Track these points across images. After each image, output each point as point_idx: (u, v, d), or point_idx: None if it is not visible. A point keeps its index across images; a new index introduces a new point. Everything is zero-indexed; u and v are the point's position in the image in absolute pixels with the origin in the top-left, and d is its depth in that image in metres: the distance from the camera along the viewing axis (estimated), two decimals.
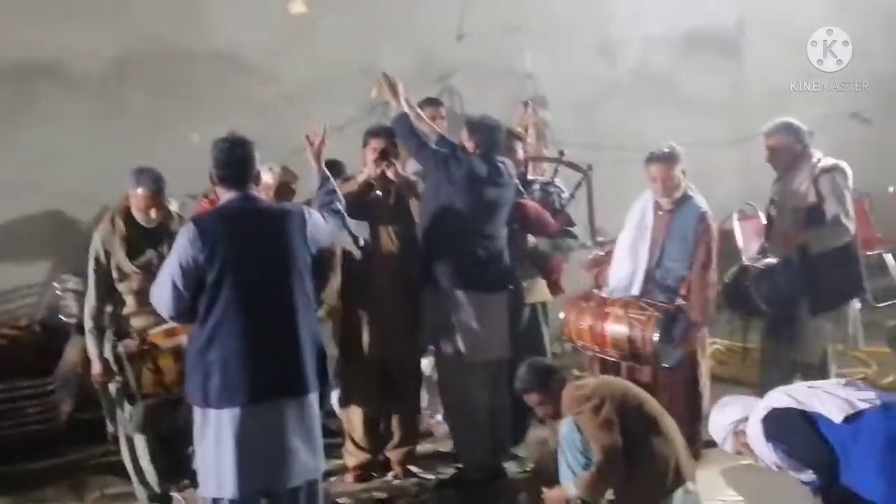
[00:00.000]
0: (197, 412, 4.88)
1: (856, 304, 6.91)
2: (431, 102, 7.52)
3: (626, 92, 10.13)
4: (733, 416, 5.03)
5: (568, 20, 9.71)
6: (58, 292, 7.47)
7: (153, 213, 5.75)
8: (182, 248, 4.76)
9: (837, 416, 4.56)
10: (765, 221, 7.01)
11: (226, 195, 4.96)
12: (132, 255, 5.77)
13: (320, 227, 5.13)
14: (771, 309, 6.54)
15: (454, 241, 6.20)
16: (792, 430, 4.70)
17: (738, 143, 10.67)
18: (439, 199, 6.24)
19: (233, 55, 8.21)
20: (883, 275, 9.40)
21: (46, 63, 7.59)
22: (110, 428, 6.62)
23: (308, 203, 5.45)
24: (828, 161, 6.58)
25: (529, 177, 7.11)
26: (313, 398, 4.99)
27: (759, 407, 4.86)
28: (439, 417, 7.09)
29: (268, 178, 6.13)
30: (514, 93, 9.21)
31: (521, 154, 6.89)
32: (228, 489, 4.79)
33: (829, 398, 4.65)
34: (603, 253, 6.68)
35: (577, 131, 9.50)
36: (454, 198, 6.16)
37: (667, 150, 6.19)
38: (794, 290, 6.40)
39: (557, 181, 7.11)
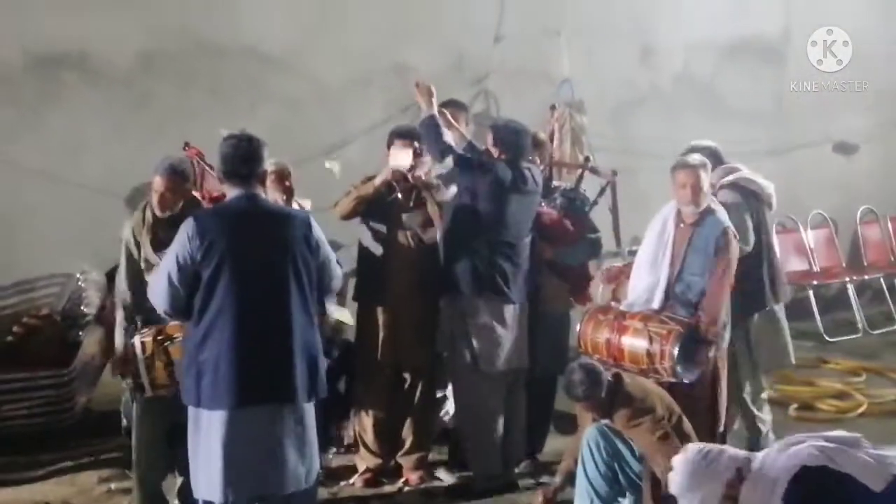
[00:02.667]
0: (191, 412, 4.82)
1: (783, 319, 6.85)
2: (454, 104, 7.35)
3: (666, 98, 10.01)
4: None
5: (608, 24, 9.60)
6: (80, 283, 7.45)
7: (165, 202, 5.70)
8: (180, 243, 4.71)
9: (877, 485, 4.05)
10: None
11: (231, 192, 4.89)
12: (157, 245, 5.74)
13: (325, 243, 5.04)
14: None
15: (476, 247, 6.12)
16: (827, 497, 4.12)
17: (781, 154, 10.51)
18: (462, 205, 6.16)
19: (262, 50, 8.16)
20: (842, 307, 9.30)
21: (74, 55, 7.58)
22: (125, 422, 6.59)
23: None
24: (734, 177, 6.59)
25: (554, 183, 6.99)
26: (307, 407, 4.89)
27: (782, 461, 4.19)
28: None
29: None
30: (551, 97, 9.07)
31: (539, 160, 6.77)
32: (216, 494, 4.72)
33: (861, 459, 4.13)
34: (620, 264, 6.53)
35: (615, 137, 9.40)
36: (478, 204, 6.08)
37: (695, 158, 6.03)
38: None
39: (582, 188, 6.98)
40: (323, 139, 8.27)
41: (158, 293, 4.77)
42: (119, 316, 5.86)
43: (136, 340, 5.49)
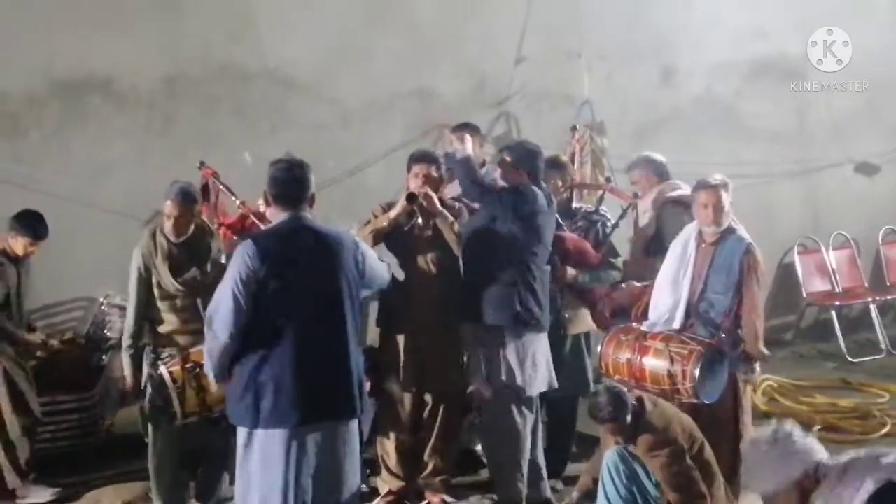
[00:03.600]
0: (241, 434, 4.88)
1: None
2: (468, 127, 7.35)
3: (687, 119, 10.00)
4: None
5: (628, 46, 9.61)
6: (103, 307, 7.49)
7: (179, 227, 5.75)
8: (241, 264, 4.77)
9: None
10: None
11: (279, 216, 4.96)
12: (175, 272, 5.77)
13: (370, 256, 5.16)
14: None
15: (500, 275, 6.09)
16: None
17: (802, 175, 10.51)
18: (490, 232, 6.13)
19: (284, 74, 8.19)
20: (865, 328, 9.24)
21: (98, 79, 7.62)
22: None
23: None
24: (677, 193, 6.69)
25: (574, 205, 7.00)
26: (354, 423, 5.01)
27: (867, 471, 3.92)
28: None
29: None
30: (572, 119, 9.09)
31: (560, 182, 6.77)
32: None
33: None
34: (641, 284, 6.53)
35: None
36: (512, 232, 6.05)
37: (716, 178, 6.04)
38: None
39: (603, 209, 6.98)
40: (344, 162, 8.30)
41: (223, 317, 4.78)
42: (125, 343, 5.90)
43: (164, 370, 5.51)
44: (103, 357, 7.28)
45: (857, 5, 10.16)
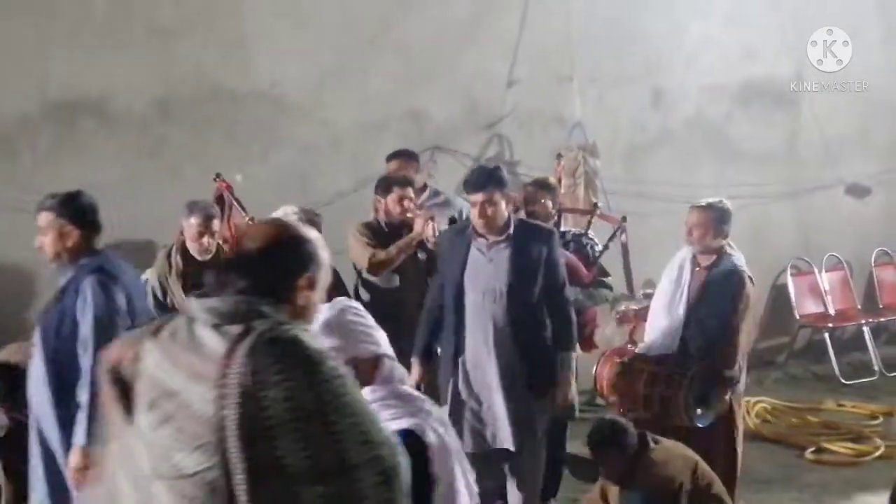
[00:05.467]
0: None
1: None
2: (406, 155, 7.48)
3: (678, 142, 10.01)
4: None
5: (620, 68, 9.62)
6: None
7: (206, 242, 5.76)
8: None
9: None
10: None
11: None
12: (188, 290, 5.76)
13: None
14: None
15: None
16: None
17: (794, 197, 10.51)
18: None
19: (276, 96, 8.18)
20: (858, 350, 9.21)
21: (89, 101, 7.60)
22: None
23: None
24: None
25: (563, 228, 7.02)
26: None
27: None
28: None
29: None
30: (563, 140, 9.11)
31: (550, 205, 6.78)
32: None
33: None
34: (636, 307, 6.53)
35: (627, 181, 9.40)
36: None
37: (702, 200, 6.07)
38: None
39: (591, 233, 7.01)
40: (337, 184, 8.30)
41: None
42: None
43: None
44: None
45: (847, 28, 10.18)
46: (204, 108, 7.94)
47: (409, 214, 6.51)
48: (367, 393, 3.19)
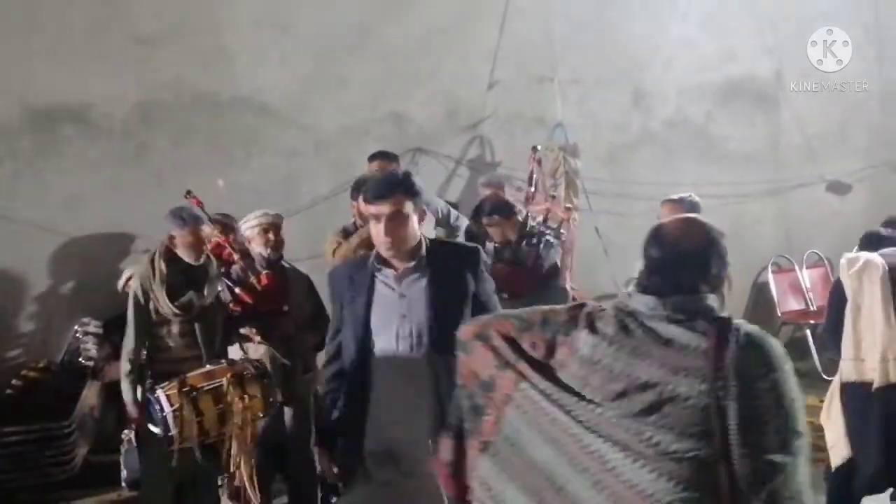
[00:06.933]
0: None
1: None
2: (384, 156, 7.47)
3: (659, 141, 10.06)
4: None
5: (600, 69, 9.67)
6: (78, 335, 7.46)
7: (196, 249, 5.77)
8: None
9: None
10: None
11: None
12: (173, 296, 5.76)
13: None
14: None
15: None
16: None
17: (774, 195, 10.57)
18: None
19: (258, 101, 8.22)
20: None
21: (72, 108, 7.63)
22: (125, 473, 6.57)
23: None
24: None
25: (529, 223, 7.02)
26: None
27: None
28: None
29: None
30: (545, 141, 9.14)
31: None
32: None
33: None
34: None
35: (609, 180, 9.45)
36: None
37: (679, 195, 6.14)
38: None
39: (551, 224, 7.06)
40: (319, 189, 8.32)
41: None
42: (124, 369, 5.85)
43: (161, 394, 5.43)
44: (79, 384, 7.22)
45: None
46: (185, 115, 7.97)
47: None
48: None
